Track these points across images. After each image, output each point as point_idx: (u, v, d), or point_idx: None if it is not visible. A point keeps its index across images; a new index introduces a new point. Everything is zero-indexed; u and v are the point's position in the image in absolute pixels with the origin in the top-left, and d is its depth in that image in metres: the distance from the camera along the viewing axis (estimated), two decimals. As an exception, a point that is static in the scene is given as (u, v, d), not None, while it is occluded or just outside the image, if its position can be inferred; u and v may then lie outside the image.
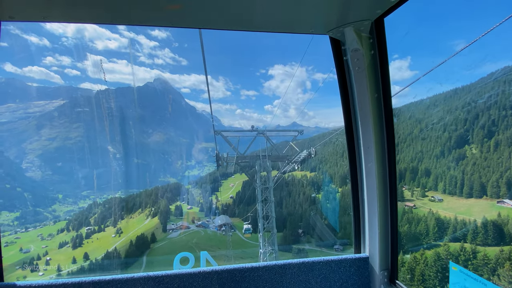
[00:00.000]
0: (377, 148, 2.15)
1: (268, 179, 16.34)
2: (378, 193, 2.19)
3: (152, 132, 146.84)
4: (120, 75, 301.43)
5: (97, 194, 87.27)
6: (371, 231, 2.33)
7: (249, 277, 2.27)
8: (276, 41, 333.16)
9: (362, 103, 2.14)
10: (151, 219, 57.69)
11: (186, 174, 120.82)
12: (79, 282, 2.08)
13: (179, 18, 1.89)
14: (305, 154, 15.48)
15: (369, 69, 2.08)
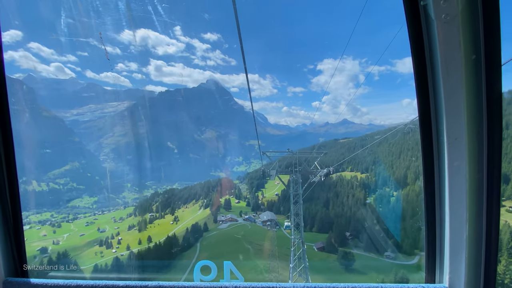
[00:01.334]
0: (470, 140, 1.49)
1: (298, 187, 20.59)
2: (468, 204, 1.56)
3: (205, 129, 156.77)
4: (178, 77, 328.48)
5: (158, 185, 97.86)
6: (455, 254, 1.66)
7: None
8: (326, 34, 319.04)
9: (450, 71, 1.44)
10: (203, 210, 61.94)
11: (234, 169, 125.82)
12: (93, 285, 1.97)
13: None
14: (326, 172, 18.84)
15: (465, 15, 1.37)
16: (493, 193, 1.54)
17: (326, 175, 18.88)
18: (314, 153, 26.85)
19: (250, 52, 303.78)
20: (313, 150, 79.40)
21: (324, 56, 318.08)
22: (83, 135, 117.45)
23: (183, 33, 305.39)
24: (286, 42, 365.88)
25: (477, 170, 1.53)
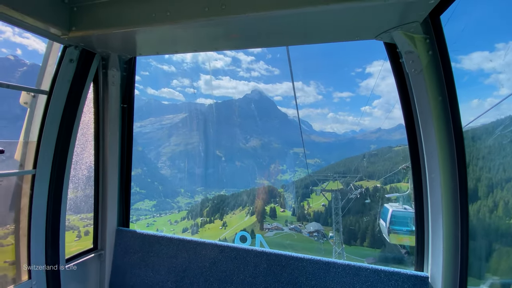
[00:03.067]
0: (442, 157, 1.94)
1: (337, 202, 24.29)
2: (443, 206, 1.97)
3: (250, 138, 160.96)
4: (225, 90, 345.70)
5: (207, 190, 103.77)
6: (435, 248, 2.07)
7: (293, 265, 2.37)
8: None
9: (423, 107, 1.96)
10: (250, 217, 63.34)
11: (278, 178, 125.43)
12: (170, 237, 2.77)
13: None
14: (358, 192, 21.21)
15: (428, 70, 1.89)
16: (463, 199, 1.97)
17: (361, 193, 20.23)
18: (350, 177, 29.22)
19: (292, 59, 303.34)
20: (364, 159, 74.51)
21: (373, 57, 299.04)
22: (145, 145, 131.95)
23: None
24: (331, 46, 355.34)
25: (448, 179, 1.95)
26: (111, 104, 2.71)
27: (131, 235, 2.88)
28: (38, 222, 2.25)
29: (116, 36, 2.12)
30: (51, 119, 2.24)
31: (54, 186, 2.33)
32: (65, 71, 2.25)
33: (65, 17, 2.03)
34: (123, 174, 2.97)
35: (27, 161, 2.22)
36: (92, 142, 2.78)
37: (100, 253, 2.87)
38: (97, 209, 2.86)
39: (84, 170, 2.77)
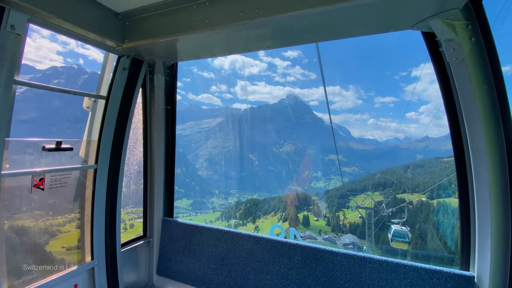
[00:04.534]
0: (490, 148, 1.81)
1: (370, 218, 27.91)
2: (492, 202, 1.83)
3: (283, 143, 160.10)
4: (260, 95, 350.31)
5: (241, 193, 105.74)
6: (482, 247, 1.93)
7: (327, 259, 2.37)
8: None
9: (466, 97, 1.85)
10: (282, 223, 62.70)
11: (312, 185, 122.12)
12: (210, 227, 2.94)
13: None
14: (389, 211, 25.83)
15: (471, 58, 1.77)
16: None
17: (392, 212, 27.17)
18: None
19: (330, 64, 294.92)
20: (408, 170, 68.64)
21: (420, 60, 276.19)
22: (185, 147, 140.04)
23: (265, 54, 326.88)
24: (373, 49, 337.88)
25: (497, 173, 1.81)
26: (157, 106, 3.00)
27: (175, 224, 3.13)
28: (99, 211, 2.59)
29: (161, 44, 2.36)
30: (109, 121, 2.57)
31: (111, 180, 2.65)
32: (119, 78, 2.57)
33: (119, 31, 2.34)
34: (168, 169, 3.25)
35: (90, 157, 2.57)
36: (141, 140, 3.10)
37: (149, 240, 3.17)
38: (146, 201, 3.17)
39: (135, 166, 3.10)
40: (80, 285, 2.51)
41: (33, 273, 2.23)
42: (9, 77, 1.79)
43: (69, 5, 1.91)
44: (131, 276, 3.05)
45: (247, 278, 2.70)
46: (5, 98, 1.80)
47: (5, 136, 1.87)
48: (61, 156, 2.38)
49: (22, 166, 2.10)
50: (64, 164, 2.38)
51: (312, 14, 1.77)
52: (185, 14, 2.10)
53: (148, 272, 3.22)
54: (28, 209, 2.21)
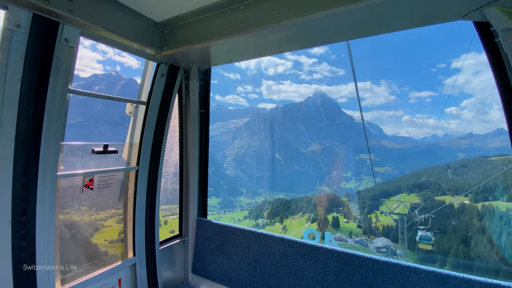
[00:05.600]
0: None
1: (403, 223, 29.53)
2: None
3: (310, 142, 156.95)
4: (286, 94, 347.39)
5: (267, 193, 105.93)
6: None
7: (367, 266, 2.24)
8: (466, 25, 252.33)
9: None
10: (310, 223, 61.57)
11: (341, 185, 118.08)
12: (243, 229, 2.92)
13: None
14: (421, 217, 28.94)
15: None
16: None
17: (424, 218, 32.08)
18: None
19: (360, 58, 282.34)
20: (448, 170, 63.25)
21: (461, 50, 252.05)
22: (213, 147, 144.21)
23: (291, 52, 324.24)
24: (406, 40, 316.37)
25: None
26: (192, 110, 3.09)
27: (209, 225, 3.20)
28: (140, 210, 2.73)
29: (196, 50, 2.42)
30: (149, 125, 2.70)
31: (151, 181, 2.79)
32: (158, 84, 2.69)
33: (158, 39, 2.44)
34: (201, 171, 3.34)
35: (132, 159, 2.72)
36: (177, 143, 3.22)
37: (184, 239, 3.28)
38: (182, 201, 3.29)
39: (172, 167, 3.23)
40: (124, 279, 2.67)
41: (83, 266, 2.41)
42: (64, 86, 1.95)
43: (115, 17, 2.04)
44: (168, 273, 3.17)
45: (281, 281, 2.66)
46: (60, 106, 1.97)
47: (61, 141, 2.04)
48: (107, 158, 2.55)
49: (74, 167, 2.28)
50: (110, 166, 2.55)
51: (351, 10, 1.67)
52: (220, 19, 2.13)
53: (183, 270, 3.32)
54: (79, 207, 2.40)
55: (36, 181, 1.93)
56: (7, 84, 1.67)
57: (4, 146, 1.73)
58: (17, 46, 1.66)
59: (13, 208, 1.83)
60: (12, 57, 1.66)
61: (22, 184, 1.86)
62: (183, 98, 3.10)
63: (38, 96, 1.83)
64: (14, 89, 1.71)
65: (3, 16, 1.61)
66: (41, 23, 1.73)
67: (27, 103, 1.78)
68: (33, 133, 1.86)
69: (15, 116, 1.74)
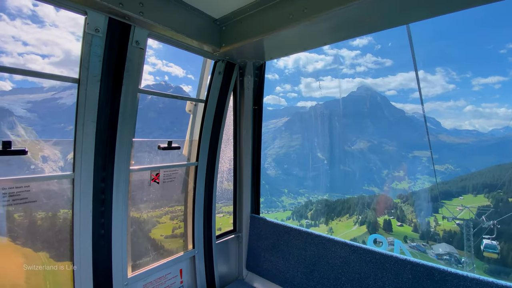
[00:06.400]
0: None
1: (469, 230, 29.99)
2: None
3: (356, 139, 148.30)
4: (326, 90, 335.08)
5: (310, 193, 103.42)
6: None
7: (451, 282, 1.90)
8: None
9: None
10: (359, 226, 58.16)
11: (393, 186, 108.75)
12: (298, 229, 2.79)
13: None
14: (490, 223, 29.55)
15: None
16: None
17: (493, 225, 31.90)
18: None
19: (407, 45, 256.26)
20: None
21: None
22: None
23: (330, 47, 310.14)
24: (465, 21, 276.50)
25: None
26: (245, 107, 3.10)
27: (262, 222, 3.16)
28: (199, 204, 2.83)
29: (253, 45, 2.38)
30: (207, 122, 2.77)
31: (209, 176, 2.87)
32: (215, 82, 2.74)
33: (217, 36, 2.48)
34: (254, 167, 3.32)
35: (192, 156, 2.83)
36: (232, 139, 3.26)
37: (238, 235, 3.32)
38: (236, 197, 3.32)
39: (226, 164, 3.28)
40: (184, 270, 2.79)
41: (150, 255, 2.58)
42: (135, 87, 2.09)
43: (179, 17, 2.12)
44: (224, 267, 3.22)
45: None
46: (132, 105, 2.12)
47: (132, 137, 2.20)
48: (169, 155, 2.69)
49: (143, 162, 2.45)
50: (174, 161, 2.68)
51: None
52: (281, 7, 2.04)
53: (238, 265, 3.35)
54: (147, 200, 2.57)
55: (112, 174, 2.10)
56: (89, 85, 1.85)
57: (87, 142, 1.92)
58: (96, 49, 1.83)
59: (94, 199, 2.02)
60: (92, 60, 1.82)
61: (101, 177, 2.04)
62: (238, 95, 3.12)
63: (114, 96, 1.99)
64: (95, 90, 1.88)
65: (83, 22, 1.79)
66: (115, 27, 1.87)
67: (105, 102, 1.95)
68: (109, 130, 2.03)
69: (95, 115, 1.92)
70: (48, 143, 3.60)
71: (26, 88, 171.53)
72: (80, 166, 1.91)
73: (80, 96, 1.82)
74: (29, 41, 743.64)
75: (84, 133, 1.88)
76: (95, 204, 2.02)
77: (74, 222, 1.93)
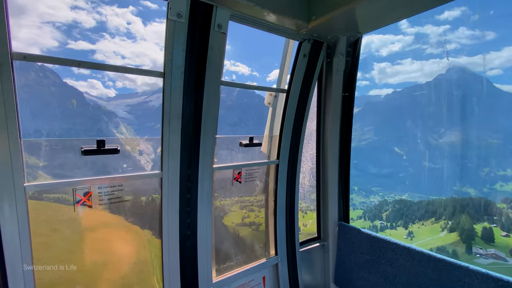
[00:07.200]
0: None
1: None
2: None
3: (445, 131, 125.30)
4: (406, 75, 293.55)
5: (385, 192, 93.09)
6: None
7: None
8: None
9: None
10: (448, 233, 49.43)
11: (496, 187, 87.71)
12: (408, 248, 2.26)
13: None
14: None
15: None
16: None
17: None
18: None
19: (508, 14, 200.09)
20: None
21: None
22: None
23: (409, 25, 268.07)
24: None
25: None
26: (333, 94, 2.62)
27: (355, 233, 2.67)
28: (281, 206, 2.56)
29: (349, 13, 1.91)
30: (289, 115, 2.44)
31: (290, 176, 2.55)
32: (299, 67, 2.37)
33: (306, 8, 2.09)
34: (342, 167, 2.83)
35: (272, 153, 2.56)
36: (314, 134, 2.85)
37: (323, 243, 2.91)
38: (319, 200, 2.92)
39: (309, 162, 2.90)
40: (267, 278, 2.56)
41: (233, 260, 2.43)
42: (217, 78, 1.91)
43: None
44: (308, 278, 2.89)
45: None
46: (215, 99, 1.95)
47: (215, 133, 2.05)
48: (249, 152, 2.47)
49: (225, 160, 2.30)
50: (254, 159, 2.46)
51: None
52: None
53: (323, 278, 2.95)
54: (229, 200, 2.43)
55: (197, 172, 2.00)
56: (173, 79, 1.73)
57: (173, 139, 1.84)
58: (179, 38, 1.69)
59: (180, 198, 1.95)
60: (176, 50, 1.70)
61: (186, 175, 1.95)
62: (324, 80, 2.67)
63: (197, 90, 1.85)
64: (179, 84, 1.76)
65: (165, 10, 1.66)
66: (198, 9, 1.69)
67: (189, 97, 1.82)
68: (194, 126, 1.91)
69: (180, 110, 1.81)
70: (143, 139, 4.36)
71: (125, 94, 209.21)
72: (168, 164, 1.85)
73: (165, 92, 1.73)
74: (126, 54, 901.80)
75: (170, 130, 1.81)
76: (182, 204, 1.96)
77: (163, 221, 1.90)
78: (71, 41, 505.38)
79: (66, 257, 1.64)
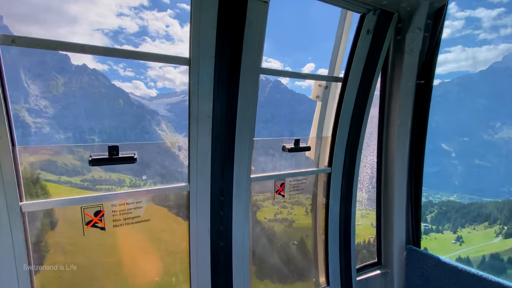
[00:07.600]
0: None
1: None
2: None
3: (501, 126, 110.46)
4: (454, 64, 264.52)
5: (430, 192, 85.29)
6: None
7: None
8: None
9: None
10: (503, 239, 43.77)
11: None
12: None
13: None
14: None
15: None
16: None
17: None
18: None
19: None
20: None
21: None
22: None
23: (460, 8, 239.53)
24: None
25: None
26: (403, 82, 2.01)
27: (431, 262, 2.07)
28: (334, 224, 2.06)
29: None
30: (345, 110, 1.91)
31: (345, 187, 2.03)
32: (361, 48, 1.82)
33: None
34: (412, 177, 2.22)
35: (321, 159, 2.06)
36: (375, 134, 2.27)
37: (386, 271, 2.34)
38: (380, 218, 2.34)
39: (368, 169, 2.34)
40: None
41: (274, 282, 2.01)
42: (256, 65, 1.47)
43: None
44: None
45: None
46: (253, 92, 1.52)
47: (252, 136, 1.62)
48: (292, 159, 2.01)
49: (265, 169, 1.86)
50: (299, 167, 1.99)
51: None
52: None
53: None
54: (271, 218, 2.00)
55: (231, 184, 1.59)
56: (201, 66, 1.34)
57: (202, 142, 1.45)
58: (208, 11, 1.29)
59: (212, 216, 1.58)
60: (203, 28, 1.29)
61: (219, 188, 1.56)
62: (390, 64, 2.07)
63: (230, 81, 1.43)
64: (208, 72, 1.36)
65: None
66: None
67: (221, 89, 1.42)
68: (227, 127, 1.51)
69: (210, 107, 1.42)
70: (181, 136, 4.23)
71: (165, 93, 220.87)
72: (196, 174, 1.47)
73: (192, 83, 1.34)
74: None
75: (198, 132, 1.42)
76: (214, 222, 1.58)
77: (191, 242, 1.54)
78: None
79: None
